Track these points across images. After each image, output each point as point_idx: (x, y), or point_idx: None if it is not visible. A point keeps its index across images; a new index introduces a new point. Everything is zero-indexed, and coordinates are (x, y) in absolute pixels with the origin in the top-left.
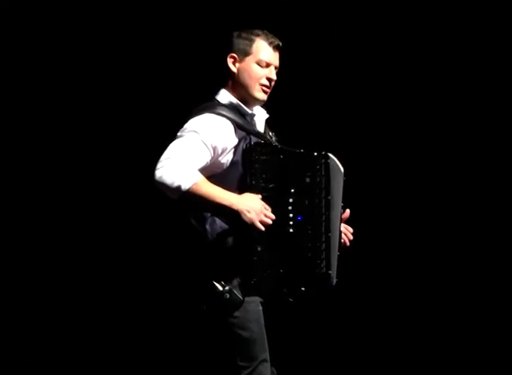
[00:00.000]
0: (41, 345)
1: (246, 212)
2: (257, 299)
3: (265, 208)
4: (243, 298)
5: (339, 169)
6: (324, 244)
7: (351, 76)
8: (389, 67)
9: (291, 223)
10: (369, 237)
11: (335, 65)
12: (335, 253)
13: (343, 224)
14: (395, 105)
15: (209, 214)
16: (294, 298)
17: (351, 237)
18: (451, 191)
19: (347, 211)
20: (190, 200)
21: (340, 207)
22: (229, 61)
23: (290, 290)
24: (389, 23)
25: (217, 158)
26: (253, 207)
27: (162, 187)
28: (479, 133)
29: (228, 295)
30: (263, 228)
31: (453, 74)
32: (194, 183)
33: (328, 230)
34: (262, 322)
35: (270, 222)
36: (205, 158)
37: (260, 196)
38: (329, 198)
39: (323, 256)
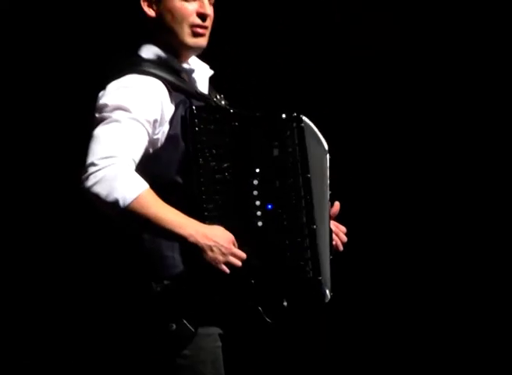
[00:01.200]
0: None
1: (208, 250)
2: (216, 331)
3: (233, 243)
4: (196, 329)
5: (320, 140)
6: (307, 240)
7: (351, 76)
8: (389, 67)
9: (259, 213)
10: (363, 240)
11: (335, 65)
12: (325, 254)
13: (332, 221)
14: (395, 105)
15: None
16: (274, 318)
17: (345, 239)
18: (450, 192)
19: (337, 204)
20: (131, 221)
21: (327, 194)
22: (144, 4)
23: (267, 307)
24: (389, 23)
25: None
26: (218, 243)
27: (95, 200)
28: (479, 133)
29: (173, 326)
30: (228, 271)
31: (453, 74)
32: (139, 197)
33: (311, 220)
34: (221, 363)
35: (239, 264)
36: (144, 144)
37: (222, 228)
38: (308, 175)
39: (307, 256)
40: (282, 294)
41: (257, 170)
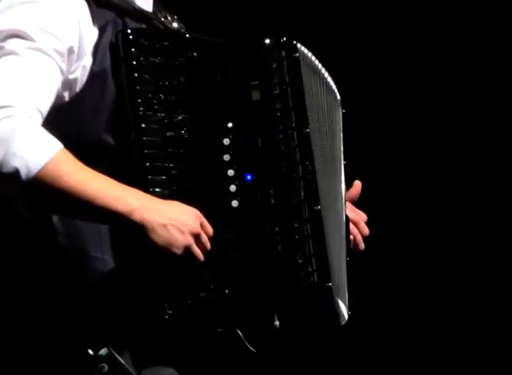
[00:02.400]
0: None
1: (160, 230)
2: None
3: (201, 222)
4: (140, 371)
5: (328, 83)
6: (308, 227)
7: (351, 76)
8: (389, 67)
9: (232, 188)
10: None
11: (335, 65)
12: (338, 251)
13: (349, 205)
14: (395, 105)
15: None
16: (260, 344)
17: (366, 231)
18: (449, 195)
19: (357, 184)
20: (40, 200)
21: (340, 165)
22: None
23: (250, 329)
24: (389, 23)
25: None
26: (177, 219)
27: None
28: (479, 133)
29: (105, 367)
30: (201, 257)
31: (453, 74)
32: (50, 162)
33: (313, 198)
34: None
35: (206, 247)
36: (55, 87)
37: (181, 203)
38: (307, 130)
39: (309, 250)
40: (272, 309)
41: (230, 125)
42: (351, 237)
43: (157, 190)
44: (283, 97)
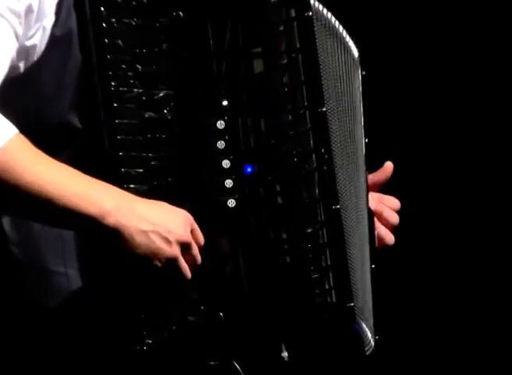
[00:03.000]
0: None
1: (140, 238)
2: None
3: (192, 228)
4: None
5: (345, 42)
6: (324, 231)
7: None
8: (389, 67)
9: (229, 183)
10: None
11: None
12: (362, 259)
13: (374, 195)
14: (394, 105)
15: None
16: None
17: (395, 219)
18: (451, 196)
19: (388, 166)
20: None
21: (361, 144)
22: None
23: (251, 361)
24: (389, 23)
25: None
26: (162, 225)
27: None
28: (479, 133)
29: None
30: (189, 274)
31: (453, 74)
32: (1, 151)
33: (331, 195)
34: None
35: (198, 259)
36: (8, 54)
37: (166, 204)
38: (323, 110)
39: (326, 262)
40: (278, 337)
41: (224, 103)
42: (376, 232)
43: (132, 186)
44: (293, 68)
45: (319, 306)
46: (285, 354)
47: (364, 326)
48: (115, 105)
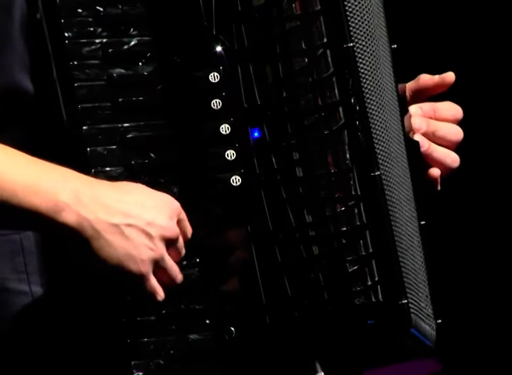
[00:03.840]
0: None
1: (112, 237)
2: None
3: (179, 216)
4: None
5: None
6: (362, 207)
7: None
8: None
9: (230, 155)
10: None
11: None
12: (411, 231)
13: (425, 108)
14: None
15: None
16: None
17: (455, 134)
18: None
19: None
20: None
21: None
22: None
23: None
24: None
25: None
26: (138, 214)
27: None
28: (480, 133)
29: None
30: (162, 295)
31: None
32: None
33: (368, 158)
34: None
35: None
36: None
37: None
38: (351, 45)
39: (367, 249)
40: (310, 354)
41: (218, 49)
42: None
43: (102, 169)
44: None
45: (361, 309)
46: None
47: (423, 325)
48: (71, 63)
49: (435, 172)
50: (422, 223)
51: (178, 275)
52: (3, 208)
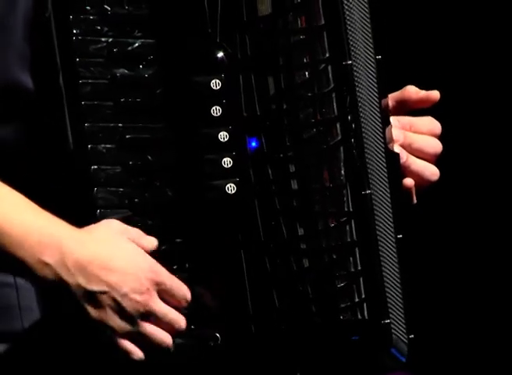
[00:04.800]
0: None
1: (88, 302)
2: None
3: (156, 280)
4: None
5: None
6: (353, 224)
7: None
8: (388, 67)
9: (227, 162)
10: None
11: None
12: (390, 247)
13: (403, 121)
14: None
15: None
16: None
17: (433, 146)
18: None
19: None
20: None
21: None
22: None
23: None
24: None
25: None
26: (117, 283)
27: None
28: (479, 133)
29: None
30: (139, 355)
31: (453, 74)
32: None
33: (361, 177)
34: None
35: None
36: None
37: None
38: (350, 62)
39: (355, 266)
40: (294, 366)
41: (219, 55)
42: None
43: (100, 167)
44: (309, 7)
45: (346, 325)
46: None
47: (401, 345)
48: (77, 59)
49: (408, 182)
50: (399, 236)
51: (164, 341)
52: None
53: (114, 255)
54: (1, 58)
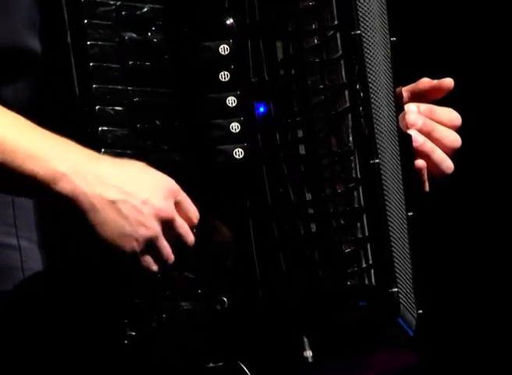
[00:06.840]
0: None
1: (106, 209)
2: None
3: (177, 197)
4: None
5: None
6: (361, 191)
7: None
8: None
9: (235, 127)
10: None
11: None
12: (400, 220)
13: (422, 108)
14: None
15: None
16: None
17: (452, 139)
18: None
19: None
20: None
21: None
22: None
23: (261, 362)
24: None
25: None
26: (135, 192)
27: None
28: (479, 133)
29: None
30: (155, 267)
31: (453, 74)
32: None
33: (368, 145)
34: None
35: (189, 240)
36: None
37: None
38: (358, 32)
39: (363, 232)
40: (300, 331)
41: (229, 21)
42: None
43: (108, 128)
44: None
45: (354, 290)
46: (308, 353)
47: (408, 317)
48: (85, 21)
49: (420, 163)
50: (410, 214)
51: (170, 256)
52: (1, 171)
53: (128, 169)
54: (9, 23)
